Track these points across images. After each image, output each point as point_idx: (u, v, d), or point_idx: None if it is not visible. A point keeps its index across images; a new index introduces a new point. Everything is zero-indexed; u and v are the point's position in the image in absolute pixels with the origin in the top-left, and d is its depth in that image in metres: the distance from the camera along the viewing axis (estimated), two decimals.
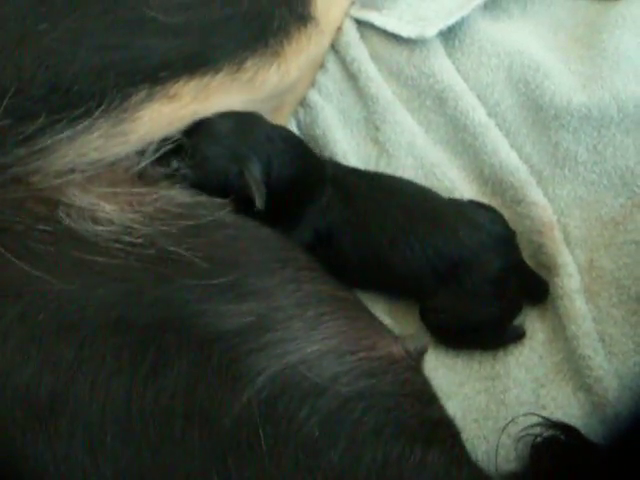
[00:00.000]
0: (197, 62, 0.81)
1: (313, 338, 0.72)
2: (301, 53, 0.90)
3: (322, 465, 0.65)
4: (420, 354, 0.81)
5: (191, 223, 0.76)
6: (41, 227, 0.72)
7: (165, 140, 0.82)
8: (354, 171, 0.94)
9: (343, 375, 0.70)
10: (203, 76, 0.82)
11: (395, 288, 0.90)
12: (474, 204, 0.92)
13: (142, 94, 0.78)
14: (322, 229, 0.87)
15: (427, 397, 0.76)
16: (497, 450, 0.79)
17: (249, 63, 0.85)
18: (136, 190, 0.79)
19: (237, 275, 0.73)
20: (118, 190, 0.78)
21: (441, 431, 0.74)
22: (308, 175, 0.89)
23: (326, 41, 1.01)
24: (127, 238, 0.73)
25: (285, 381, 0.68)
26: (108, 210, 0.75)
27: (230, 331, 0.69)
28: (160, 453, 0.63)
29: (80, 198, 0.75)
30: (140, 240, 0.73)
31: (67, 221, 0.72)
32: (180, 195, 0.80)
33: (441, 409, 0.77)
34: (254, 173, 0.82)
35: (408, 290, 0.89)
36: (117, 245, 0.72)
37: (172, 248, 0.72)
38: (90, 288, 0.69)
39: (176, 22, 0.81)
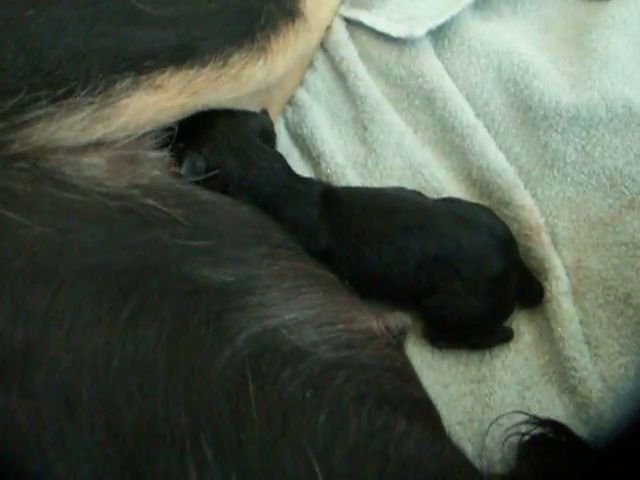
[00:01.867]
0: (183, 54, 0.81)
1: (291, 307, 0.70)
2: (288, 49, 0.89)
3: (309, 427, 0.62)
4: (402, 333, 0.80)
5: (174, 191, 0.76)
6: (19, 165, 0.69)
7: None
8: (348, 194, 0.91)
9: (322, 344, 0.69)
10: (190, 69, 0.82)
11: (392, 297, 0.89)
12: (472, 205, 0.91)
13: (127, 81, 0.78)
14: (315, 250, 0.86)
15: (407, 375, 0.75)
16: (482, 452, 0.78)
17: (235, 57, 0.84)
18: (119, 163, 0.78)
19: (216, 242, 0.72)
20: (104, 154, 0.77)
21: (423, 409, 0.73)
22: (285, 194, 0.88)
23: (314, 38, 1.00)
24: (110, 183, 0.72)
25: (265, 342, 0.66)
26: (87, 165, 0.74)
27: (212, 286, 0.67)
28: (141, 408, 0.60)
29: (61, 157, 0.74)
30: (123, 187, 0.72)
31: (47, 165, 0.71)
32: (160, 175, 0.80)
33: (422, 390, 0.76)
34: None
35: (406, 297, 0.88)
36: (99, 188, 0.70)
37: (154, 203, 0.71)
38: (68, 231, 0.66)
39: (164, 14, 0.81)
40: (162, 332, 0.62)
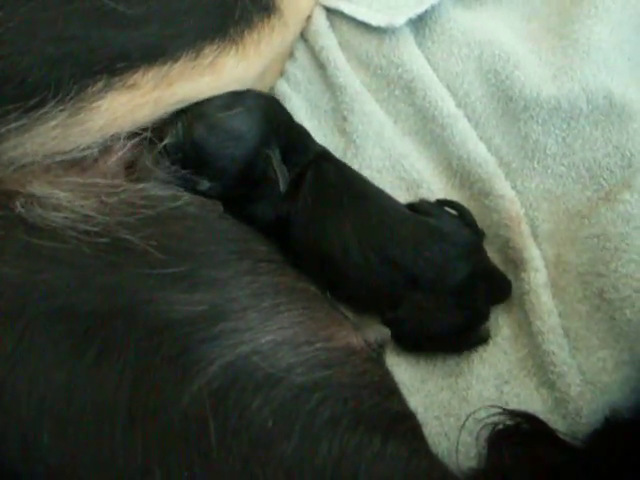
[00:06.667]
0: (155, 52, 0.80)
1: (268, 328, 0.70)
2: (261, 42, 0.88)
3: (275, 457, 0.63)
4: (381, 346, 0.80)
5: (151, 213, 0.75)
6: None
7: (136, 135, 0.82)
8: (341, 164, 0.92)
9: (298, 365, 0.69)
10: (162, 65, 0.81)
11: (349, 295, 0.87)
12: (441, 206, 0.90)
13: (99, 84, 0.77)
14: (283, 211, 0.86)
15: (387, 389, 0.75)
16: (458, 447, 0.78)
17: (207, 50, 0.83)
18: (105, 182, 0.78)
19: (191, 265, 0.72)
20: (84, 181, 0.77)
21: (401, 423, 0.73)
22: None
23: (291, 32, 0.99)
24: (83, 226, 0.71)
25: (237, 371, 0.66)
26: (68, 199, 0.73)
27: (181, 320, 0.68)
28: (97, 451, 0.61)
29: (38, 188, 0.73)
30: (96, 228, 0.71)
31: (20, 208, 0.71)
32: (148, 188, 0.79)
33: (401, 401, 0.76)
34: (278, 158, 0.84)
35: (363, 300, 0.86)
36: (71, 232, 0.70)
37: (127, 237, 0.71)
38: (35, 273, 0.67)
39: (137, 13, 0.79)
40: (124, 374, 0.63)
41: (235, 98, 0.86)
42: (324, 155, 0.92)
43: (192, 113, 0.83)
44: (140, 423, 0.62)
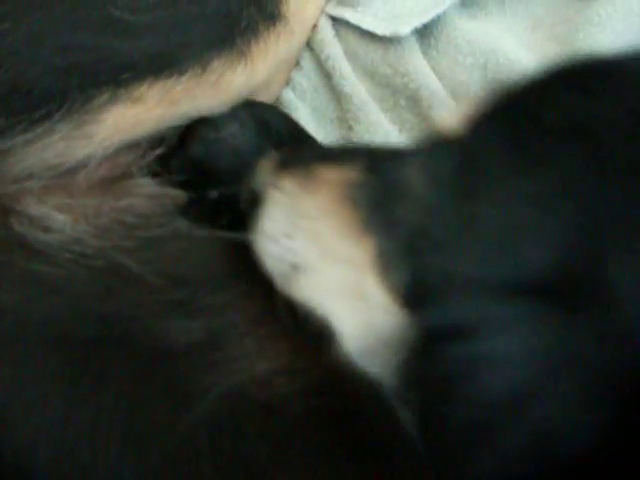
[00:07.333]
0: (161, 63, 0.80)
1: (264, 356, 0.70)
2: (268, 53, 0.88)
3: None
4: None
5: (146, 235, 0.75)
6: None
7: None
8: None
9: (294, 394, 0.68)
10: (168, 79, 0.81)
11: None
12: None
13: (105, 96, 0.77)
14: None
15: (384, 414, 0.74)
16: None
17: (215, 64, 0.83)
18: (92, 201, 0.78)
19: (189, 291, 0.71)
20: (73, 202, 0.76)
21: (398, 449, 0.72)
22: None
23: (297, 40, 0.99)
24: (78, 248, 0.71)
25: (233, 401, 0.66)
26: (61, 220, 0.73)
27: (178, 348, 0.67)
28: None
29: (34, 207, 0.73)
30: (90, 251, 0.71)
31: (17, 228, 0.71)
32: (138, 204, 0.79)
33: (398, 425, 0.76)
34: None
35: None
36: (67, 255, 0.70)
37: (123, 261, 0.71)
38: (33, 301, 0.67)
39: (143, 22, 0.79)
40: (119, 403, 0.63)
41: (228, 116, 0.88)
42: None
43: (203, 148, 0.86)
44: (135, 453, 0.62)
